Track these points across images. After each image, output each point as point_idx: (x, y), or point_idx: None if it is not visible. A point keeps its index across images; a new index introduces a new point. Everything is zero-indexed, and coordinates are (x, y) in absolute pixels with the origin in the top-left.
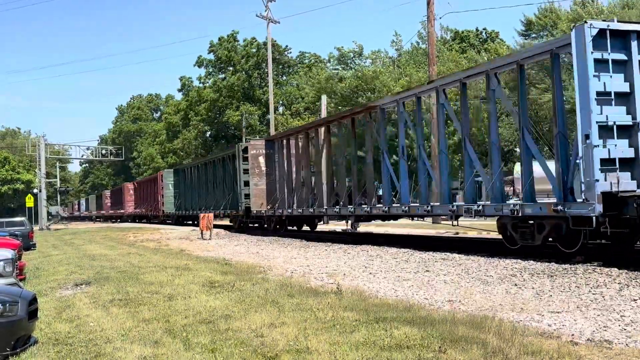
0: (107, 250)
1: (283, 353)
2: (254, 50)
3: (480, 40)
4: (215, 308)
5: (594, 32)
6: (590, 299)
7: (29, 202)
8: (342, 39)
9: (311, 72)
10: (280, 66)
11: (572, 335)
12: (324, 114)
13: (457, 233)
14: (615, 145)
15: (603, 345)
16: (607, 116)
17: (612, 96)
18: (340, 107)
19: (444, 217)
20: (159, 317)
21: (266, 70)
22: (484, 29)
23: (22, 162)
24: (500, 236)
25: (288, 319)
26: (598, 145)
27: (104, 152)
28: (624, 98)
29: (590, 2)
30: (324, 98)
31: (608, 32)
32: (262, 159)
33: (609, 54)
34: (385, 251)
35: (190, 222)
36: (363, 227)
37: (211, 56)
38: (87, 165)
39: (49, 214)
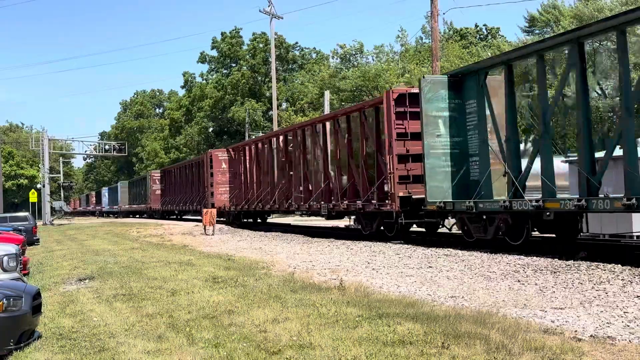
0: (110, 246)
1: (286, 348)
2: (262, 45)
3: (481, 37)
4: (219, 303)
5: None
6: (593, 295)
7: (33, 197)
8: (346, 34)
9: (314, 69)
10: (286, 63)
11: (575, 331)
12: (327, 110)
13: None
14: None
15: (606, 341)
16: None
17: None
18: (344, 104)
19: None
20: (162, 312)
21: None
22: (484, 25)
23: (25, 157)
24: None
25: (291, 314)
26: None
27: (107, 147)
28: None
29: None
30: (327, 94)
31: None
32: None
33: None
34: (388, 247)
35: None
36: None
37: (214, 52)
38: (91, 160)
39: (52, 209)
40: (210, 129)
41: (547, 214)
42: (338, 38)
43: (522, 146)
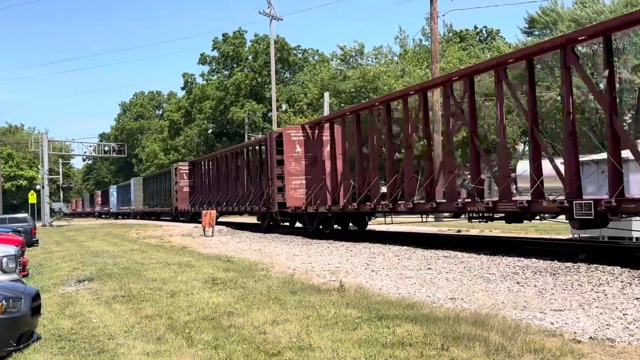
0: (109, 247)
1: (286, 350)
2: (263, 47)
3: (481, 38)
4: (218, 305)
5: None
6: (592, 297)
7: (32, 198)
8: (347, 35)
9: (315, 70)
10: (287, 65)
11: (575, 333)
12: (326, 111)
13: (459, 231)
14: None
15: (605, 343)
16: None
17: None
18: (343, 105)
19: None
20: (161, 314)
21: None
22: (485, 26)
23: (25, 159)
24: None
25: (291, 315)
26: None
27: (106, 148)
28: None
29: (591, 2)
30: (326, 95)
31: None
32: None
33: None
34: (387, 249)
35: None
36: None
37: (215, 53)
38: (91, 161)
39: (51, 210)
40: (210, 131)
41: None
42: (339, 39)
43: None
